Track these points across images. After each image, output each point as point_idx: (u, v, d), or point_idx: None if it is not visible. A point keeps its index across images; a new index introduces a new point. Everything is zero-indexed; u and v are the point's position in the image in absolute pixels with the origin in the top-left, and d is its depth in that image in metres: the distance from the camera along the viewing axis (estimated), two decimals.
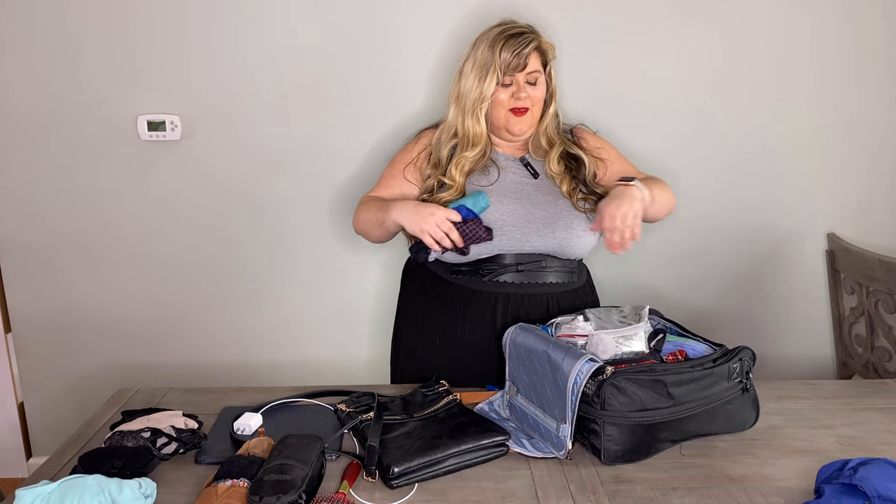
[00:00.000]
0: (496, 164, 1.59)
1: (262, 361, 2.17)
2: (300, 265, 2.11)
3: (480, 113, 1.54)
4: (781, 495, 1.08)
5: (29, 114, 1.98)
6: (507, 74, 1.51)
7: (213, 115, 1.99)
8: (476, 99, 1.52)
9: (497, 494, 1.09)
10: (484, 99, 1.52)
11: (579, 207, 1.56)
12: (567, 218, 1.54)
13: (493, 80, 1.50)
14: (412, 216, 1.42)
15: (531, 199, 1.54)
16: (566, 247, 1.55)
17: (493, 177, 1.56)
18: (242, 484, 1.03)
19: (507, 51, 1.49)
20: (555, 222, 1.53)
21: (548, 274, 1.55)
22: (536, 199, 1.55)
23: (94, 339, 2.14)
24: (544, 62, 1.57)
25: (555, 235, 1.52)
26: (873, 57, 2.04)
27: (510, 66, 1.50)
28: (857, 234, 2.13)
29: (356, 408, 1.30)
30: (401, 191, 1.61)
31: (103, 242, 2.07)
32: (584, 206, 1.56)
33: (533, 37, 1.52)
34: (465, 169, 1.55)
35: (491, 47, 1.51)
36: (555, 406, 1.20)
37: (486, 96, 1.52)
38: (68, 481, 1.01)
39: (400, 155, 1.68)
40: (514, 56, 1.49)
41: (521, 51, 1.49)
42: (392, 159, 1.69)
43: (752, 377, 1.27)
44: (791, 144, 2.09)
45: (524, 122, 1.55)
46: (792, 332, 2.22)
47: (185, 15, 1.93)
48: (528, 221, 1.51)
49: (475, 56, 1.54)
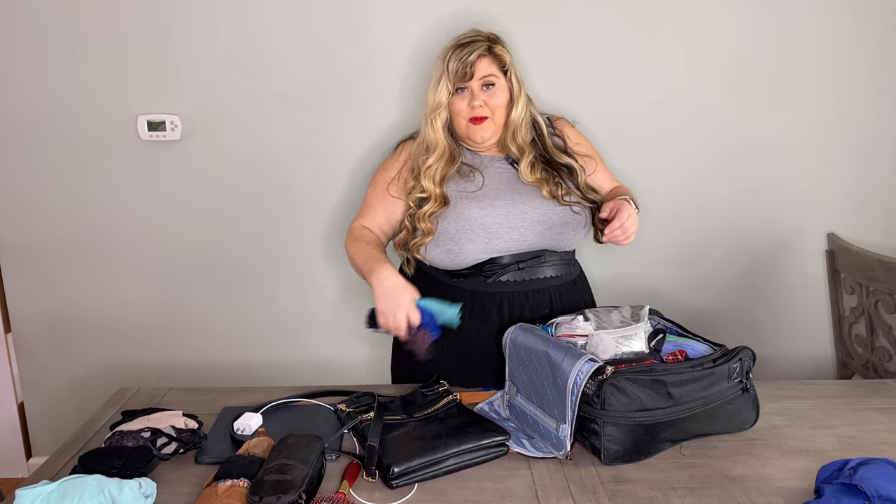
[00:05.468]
0: (478, 170, 1.58)
1: (262, 361, 2.17)
2: (300, 265, 2.11)
3: (436, 120, 1.56)
4: (781, 495, 1.08)
5: (29, 114, 1.98)
6: (458, 82, 1.54)
7: (213, 115, 1.99)
8: (431, 107, 1.56)
9: (497, 494, 1.09)
10: (437, 107, 1.55)
11: (564, 202, 1.56)
12: (559, 213, 1.55)
13: (444, 88, 1.54)
14: (382, 298, 1.39)
15: (523, 197, 1.55)
16: (562, 240, 1.56)
17: (479, 182, 1.57)
18: (242, 484, 1.03)
19: (454, 60, 1.53)
20: (549, 218, 1.54)
21: (546, 268, 1.56)
22: (528, 196, 1.55)
23: (95, 339, 2.14)
24: (504, 68, 1.57)
25: (551, 231, 1.54)
26: (873, 57, 2.04)
27: (457, 74, 1.53)
28: (857, 234, 2.13)
29: (356, 408, 1.30)
30: (385, 211, 1.61)
31: (103, 242, 2.07)
32: (569, 199, 1.57)
33: (481, 44, 1.54)
34: (436, 177, 1.55)
35: (443, 58, 1.55)
36: (555, 406, 1.20)
37: (439, 103, 1.55)
38: (68, 481, 1.01)
39: (380, 174, 1.66)
40: (459, 63, 1.53)
41: (465, 58, 1.52)
42: (373, 179, 1.67)
43: (752, 377, 1.27)
44: (791, 144, 2.09)
45: (485, 130, 1.56)
46: (792, 332, 2.22)
47: (186, 15, 1.93)
48: (522, 221, 1.52)
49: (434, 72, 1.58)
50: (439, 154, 1.56)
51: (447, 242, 1.53)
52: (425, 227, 1.53)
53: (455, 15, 1.89)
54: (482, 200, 1.52)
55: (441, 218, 1.53)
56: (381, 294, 1.39)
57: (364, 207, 1.65)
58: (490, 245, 1.51)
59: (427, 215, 1.53)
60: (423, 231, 1.54)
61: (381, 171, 1.67)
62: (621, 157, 2.04)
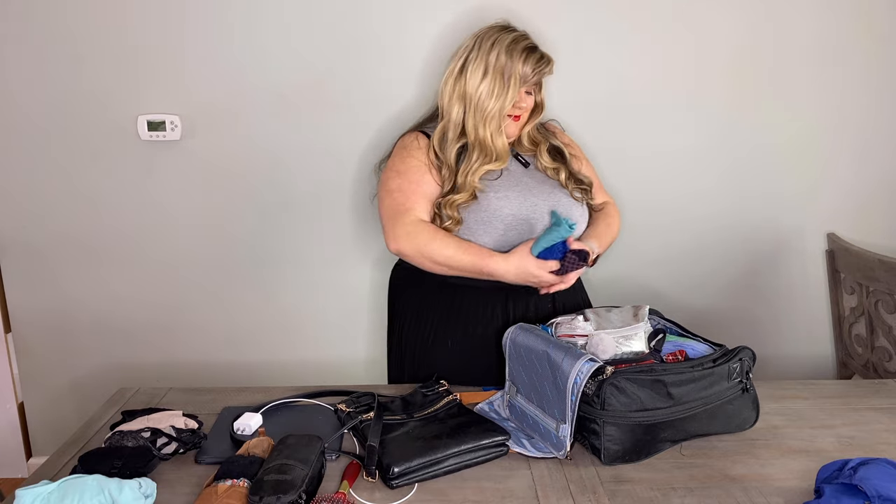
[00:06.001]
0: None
1: (262, 361, 2.17)
2: (300, 265, 2.11)
3: (505, 127, 1.55)
4: (781, 495, 1.08)
5: (29, 114, 1.98)
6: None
7: (213, 115, 1.99)
8: (499, 111, 1.52)
9: (497, 494, 1.09)
10: (505, 112, 1.53)
11: (574, 196, 1.59)
12: (567, 205, 1.56)
13: (516, 92, 1.52)
14: (518, 280, 1.45)
15: (531, 190, 1.55)
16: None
17: (495, 173, 1.56)
18: (242, 484, 1.03)
19: (529, 66, 1.52)
20: (557, 209, 1.54)
21: None
22: (536, 189, 1.56)
23: (94, 339, 2.14)
24: None
25: None
26: (873, 57, 2.04)
27: (528, 80, 1.53)
28: (857, 234, 2.13)
29: (356, 408, 1.30)
30: (426, 198, 1.54)
31: (103, 242, 2.07)
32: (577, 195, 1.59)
33: (549, 57, 1.56)
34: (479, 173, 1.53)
35: (510, 56, 1.51)
36: (555, 406, 1.20)
37: (507, 108, 1.53)
38: (68, 481, 1.01)
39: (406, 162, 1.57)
40: (535, 74, 1.53)
41: (542, 69, 1.54)
42: (398, 170, 1.57)
43: (752, 377, 1.27)
44: (791, 144, 2.09)
45: (517, 127, 1.59)
46: (792, 332, 2.22)
47: (186, 15, 1.93)
48: (534, 213, 1.52)
49: (486, 58, 1.52)
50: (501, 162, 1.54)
51: (464, 232, 1.52)
52: (454, 215, 1.50)
53: (459, 14, 1.90)
54: (498, 191, 1.52)
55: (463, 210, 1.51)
56: (514, 279, 1.45)
57: (404, 200, 1.52)
58: (503, 235, 1.50)
59: (457, 204, 1.50)
60: (451, 218, 1.50)
61: (406, 160, 1.57)
62: (621, 157, 2.05)
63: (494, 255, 1.46)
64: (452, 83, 1.57)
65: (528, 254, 1.42)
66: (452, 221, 1.50)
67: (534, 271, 1.42)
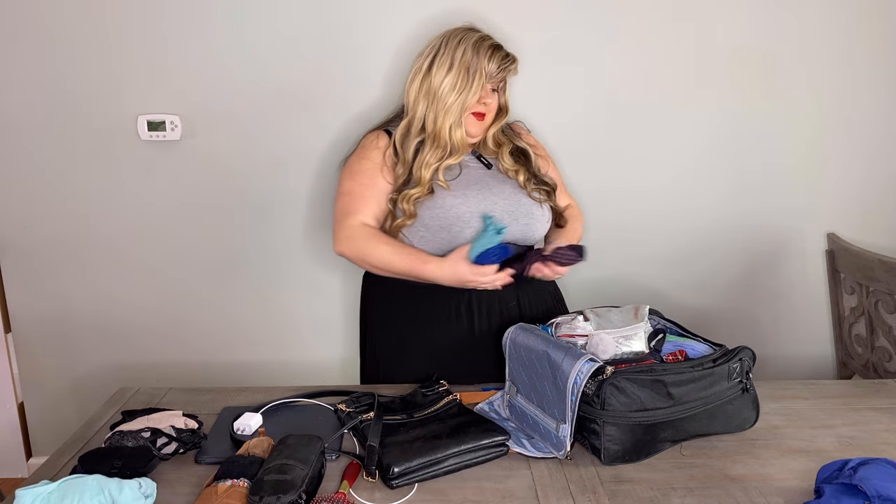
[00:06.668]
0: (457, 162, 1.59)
1: (262, 361, 2.17)
2: (300, 265, 2.11)
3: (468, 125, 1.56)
4: (781, 495, 1.08)
5: (29, 114, 1.98)
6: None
7: (213, 115, 1.99)
8: (461, 104, 1.53)
9: (497, 494, 1.09)
10: (469, 106, 1.54)
11: (534, 197, 1.59)
12: (527, 205, 1.57)
13: (480, 87, 1.53)
14: (453, 283, 1.47)
15: (492, 189, 1.56)
16: (528, 233, 1.58)
17: (455, 171, 1.57)
18: (242, 484, 1.03)
19: (495, 63, 1.54)
20: (517, 210, 1.55)
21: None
22: (496, 189, 1.56)
23: (95, 339, 2.14)
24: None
25: (518, 223, 1.55)
26: (873, 57, 2.04)
27: (493, 77, 1.54)
28: (857, 234, 2.13)
29: (356, 408, 1.30)
30: (377, 200, 1.56)
31: (103, 242, 2.07)
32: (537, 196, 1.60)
33: (514, 56, 1.57)
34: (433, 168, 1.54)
35: (476, 52, 1.53)
36: (555, 406, 1.20)
37: (471, 103, 1.54)
38: (68, 481, 1.01)
39: (361, 164, 1.59)
40: (500, 70, 1.55)
41: (507, 66, 1.56)
42: (350, 171, 1.60)
43: (752, 377, 1.27)
44: (791, 145, 2.09)
45: (481, 126, 1.59)
46: (792, 331, 2.22)
47: (186, 15, 1.93)
48: (493, 212, 1.52)
49: (452, 54, 1.54)
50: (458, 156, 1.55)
51: (420, 230, 1.53)
52: (408, 209, 1.51)
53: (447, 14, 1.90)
54: (455, 189, 1.53)
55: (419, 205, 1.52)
56: (450, 283, 1.46)
57: (352, 203, 1.56)
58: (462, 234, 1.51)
59: (413, 198, 1.51)
60: (404, 212, 1.52)
61: (361, 161, 1.59)
62: (621, 158, 2.05)
63: (430, 261, 1.48)
64: (420, 80, 1.58)
65: (462, 258, 1.43)
66: (406, 215, 1.52)
67: (468, 276, 1.43)
